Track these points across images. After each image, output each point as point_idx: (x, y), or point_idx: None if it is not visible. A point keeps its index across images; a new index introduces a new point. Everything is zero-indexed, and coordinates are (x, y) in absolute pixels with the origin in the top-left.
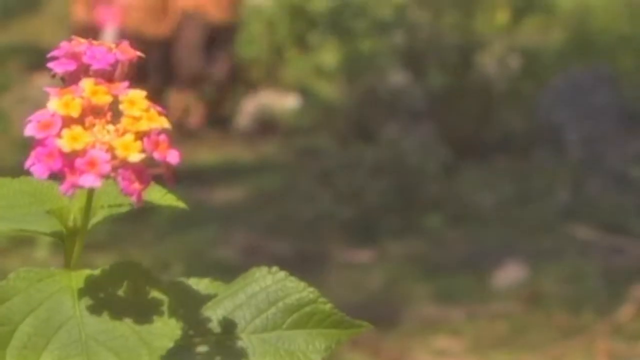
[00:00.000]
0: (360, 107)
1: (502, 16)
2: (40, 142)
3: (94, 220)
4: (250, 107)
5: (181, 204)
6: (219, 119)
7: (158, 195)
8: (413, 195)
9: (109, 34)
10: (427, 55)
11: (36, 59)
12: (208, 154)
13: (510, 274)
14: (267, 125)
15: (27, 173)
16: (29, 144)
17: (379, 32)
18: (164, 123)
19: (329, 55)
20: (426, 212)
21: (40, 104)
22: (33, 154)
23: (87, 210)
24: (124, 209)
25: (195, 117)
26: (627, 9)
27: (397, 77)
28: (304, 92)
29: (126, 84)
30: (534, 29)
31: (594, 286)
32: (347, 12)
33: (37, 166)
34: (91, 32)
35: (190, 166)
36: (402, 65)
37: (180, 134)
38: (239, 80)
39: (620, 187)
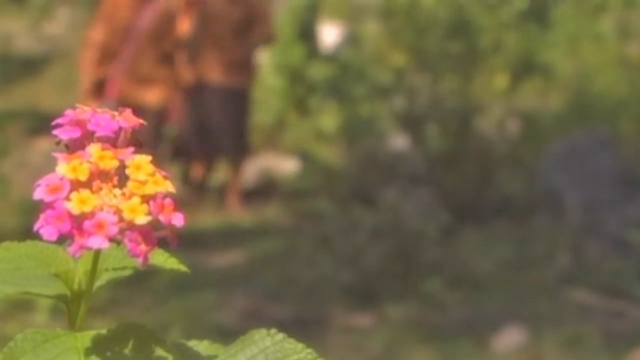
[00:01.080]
0: (359, 171)
1: (501, 80)
2: (49, 205)
3: (98, 283)
4: (251, 170)
5: (183, 268)
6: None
7: (161, 259)
8: (412, 259)
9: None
10: (426, 119)
11: (36, 123)
12: (207, 217)
13: (510, 338)
14: (267, 189)
15: (29, 236)
16: (30, 208)
17: (379, 97)
18: (169, 187)
19: (329, 120)
20: (426, 276)
21: (41, 168)
22: (42, 216)
23: (93, 272)
24: (127, 272)
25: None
26: (625, 73)
27: (397, 141)
28: (304, 155)
29: (131, 149)
30: (533, 93)
31: (595, 350)
32: (346, 77)
33: (47, 228)
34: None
35: (189, 228)
36: (402, 129)
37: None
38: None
39: (620, 251)
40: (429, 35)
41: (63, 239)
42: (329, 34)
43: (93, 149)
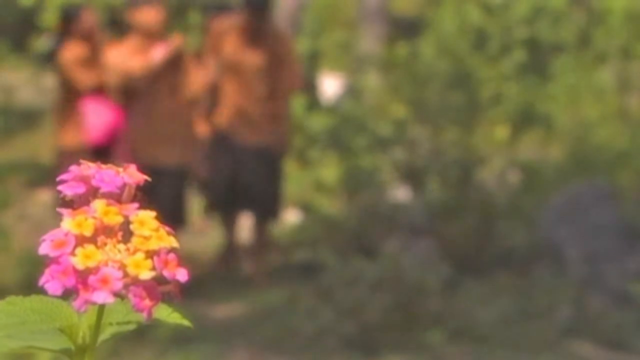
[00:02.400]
0: (360, 223)
1: (501, 132)
2: (54, 260)
3: (102, 337)
4: (251, 220)
5: (186, 323)
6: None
7: (165, 313)
8: (413, 311)
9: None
10: (426, 170)
11: (37, 175)
12: (207, 266)
13: None
14: (268, 240)
15: (31, 288)
16: (31, 260)
17: (379, 148)
18: (172, 242)
19: (330, 171)
20: (427, 328)
21: (42, 220)
22: (47, 271)
23: (97, 327)
24: (131, 327)
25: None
26: (625, 125)
27: (397, 193)
28: (305, 207)
29: (136, 205)
30: (534, 145)
31: None
32: (347, 128)
33: (52, 283)
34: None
35: (190, 280)
36: (402, 180)
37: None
38: None
39: (621, 304)
40: (429, 87)
41: (68, 294)
42: (330, 85)
43: (98, 204)
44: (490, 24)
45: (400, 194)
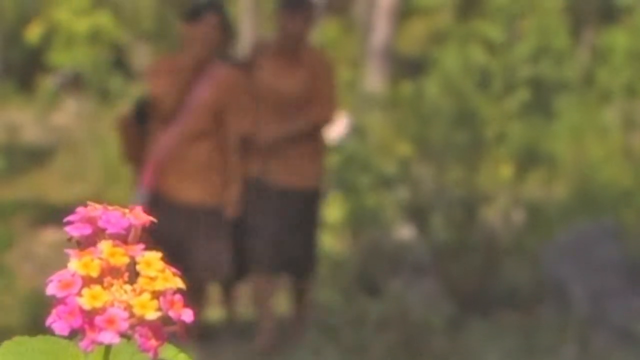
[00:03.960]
0: (365, 262)
1: (505, 170)
2: (61, 301)
3: None
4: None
5: None
6: None
7: (171, 354)
8: (418, 350)
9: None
10: (431, 209)
11: (42, 214)
12: (214, 310)
13: None
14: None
15: (36, 328)
16: (36, 300)
17: (383, 187)
18: (178, 283)
19: (334, 210)
20: None
21: (47, 260)
22: (54, 311)
23: None
24: None
25: None
26: (629, 164)
27: (402, 232)
28: None
29: (142, 246)
30: (538, 183)
31: None
32: (351, 167)
33: (58, 323)
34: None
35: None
36: (407, 219)
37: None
38: None
39: (626, 342)
40: (433, 126)
41: (75, 334)
42: (334, 124)
43: (104, 245)
44: (493, 63)
45: (405, 232)
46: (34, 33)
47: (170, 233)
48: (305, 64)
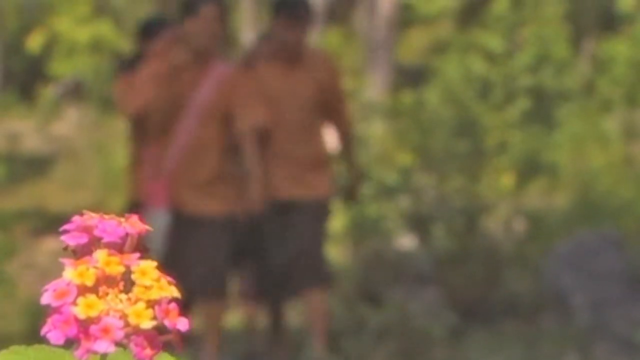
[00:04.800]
0: (366, 271)
1: (507, 180)
2: (56, 310)
3: None
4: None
5: None
6: None
7: None
8: (419, 359)
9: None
10: (432, 219)
11: (42, 223)
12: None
13: None
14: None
15: (36, 337)
16: (36, 309)
17: (385, 197)
18: (174, 292)
19: (335, 219)
20: None
21: (47, 269)
22: (49, 321)
23: None
24: None
25: None
26: (630, 173)
27: (403, 241)
28: None
29: (137, 255)
30: (539, 193)
31: None
32: None
33: (54, 333)
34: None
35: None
36: (408, 229)
37: None
38: None
39: (627, 351)
40: (434, 135)
41: (70, 343)
42: (335, 134)
43: (100, 254)
44: (494, 72)
45: (406, 242)
46: (35, 42)
47: (199, 250)
48: (308, 67)
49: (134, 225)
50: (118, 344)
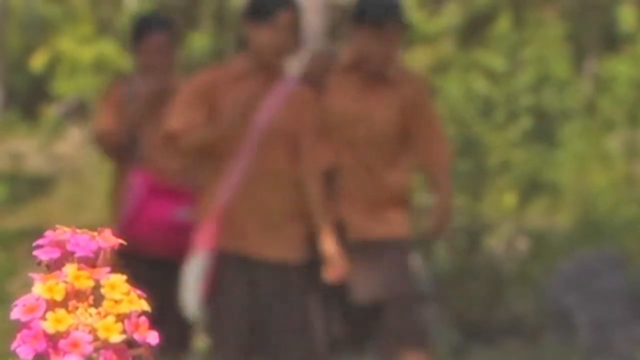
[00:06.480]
0: None
1: (509, 199)
2: (25, 325)
3: None
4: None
5: None
6: None
7: None
8: None
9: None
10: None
11: None
12: None
13: None
14: None
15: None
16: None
17: None
18: (143, 306)
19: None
20: None
21: None
22: (19, 336)
23: None
24: None
25: None
26: (633, 192)
27: None
28: None
29: (108, 269)
30: (541, 212)
31: None
32: None
33: (23, 347)
34: None
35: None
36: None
37: None
38: None
39: None
40: None
41: (39, 358)
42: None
43: (69, 269)
44: (496, 91)
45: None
46: (38, 62)
47: (256, 300)
48: (395, 88)
49: (106, 239)
50: (87, 358)
